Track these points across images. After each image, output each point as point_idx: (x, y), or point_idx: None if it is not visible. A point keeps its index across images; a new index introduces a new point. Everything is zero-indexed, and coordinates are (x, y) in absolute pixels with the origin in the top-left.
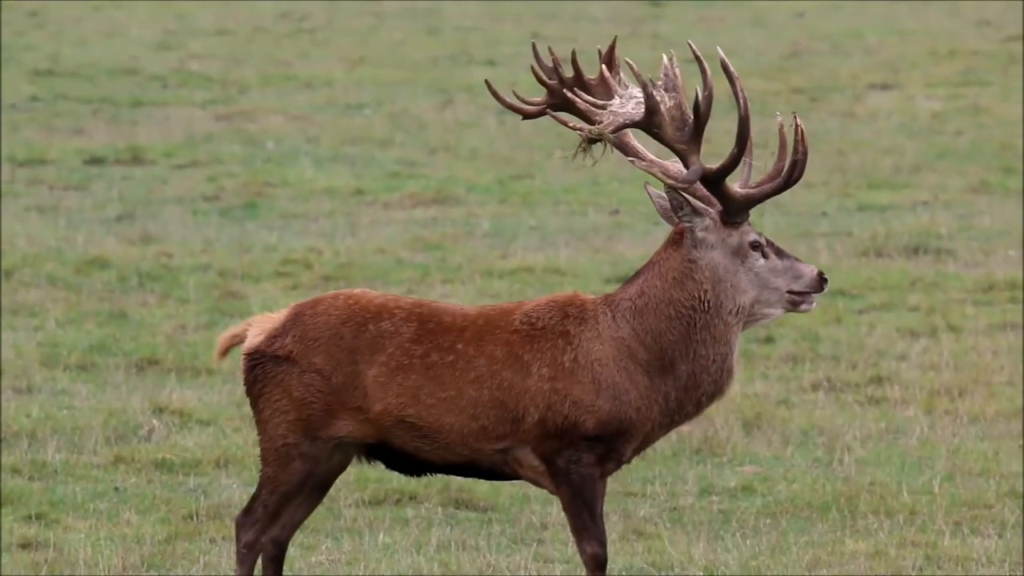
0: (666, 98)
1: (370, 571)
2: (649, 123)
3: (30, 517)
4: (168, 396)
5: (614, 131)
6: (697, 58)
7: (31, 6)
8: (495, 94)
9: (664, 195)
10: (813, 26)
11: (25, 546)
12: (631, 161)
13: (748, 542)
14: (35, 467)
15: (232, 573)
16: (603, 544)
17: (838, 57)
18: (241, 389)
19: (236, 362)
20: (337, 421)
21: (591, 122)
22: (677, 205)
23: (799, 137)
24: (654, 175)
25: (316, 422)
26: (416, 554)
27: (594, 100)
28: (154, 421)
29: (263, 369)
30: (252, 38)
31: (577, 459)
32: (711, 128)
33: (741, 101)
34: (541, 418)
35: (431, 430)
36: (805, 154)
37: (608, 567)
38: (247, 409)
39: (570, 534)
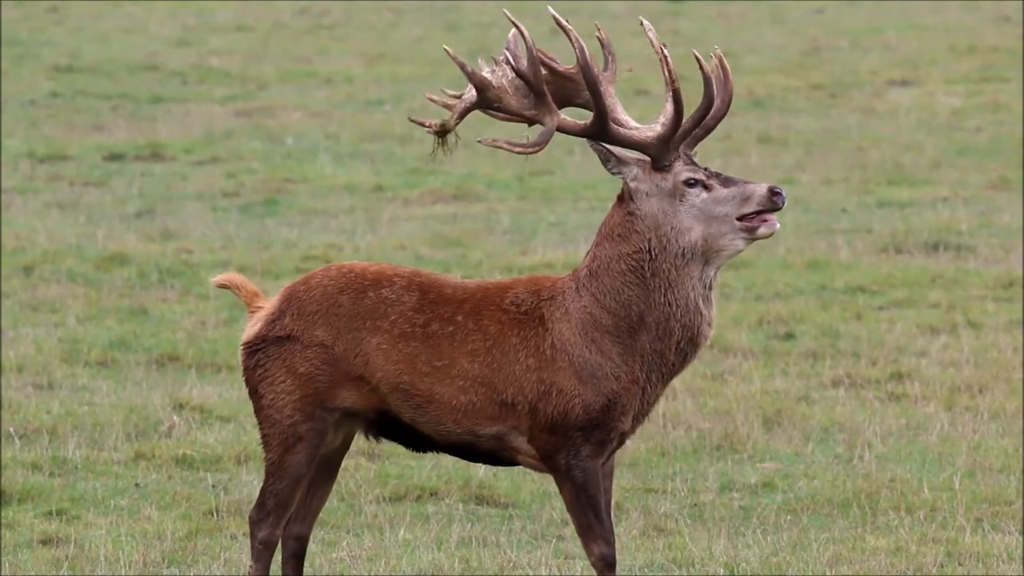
0: (507, 71)
1: (391, 568)
2: (486, 100)
3: (51, 513)
4: (188, 392)
5: (458, 120)
6: (512, 22)
7: (51, 2)
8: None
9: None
10: (832, 22)
11: (46, 542)
12: (479, 141)
13: (769, 538)
14: (56, 463)
15: (247, 570)
16: (610, 543)
17: (857, 53)
18: None
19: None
20: (342, 391)
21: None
22: (604, 158)
23: (720, 72)
24: (501, 148)
25: (322, 395)
26: (437, 550)
27: (452, 92)
28: (174, 417)
29: (264, 353)
30: (271, 34)
31: (576, 453)
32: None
33: (578, 52)
34: (532, 408)
35: (423, 399)
36: (728, 91)
37: (629, 563)
38: None
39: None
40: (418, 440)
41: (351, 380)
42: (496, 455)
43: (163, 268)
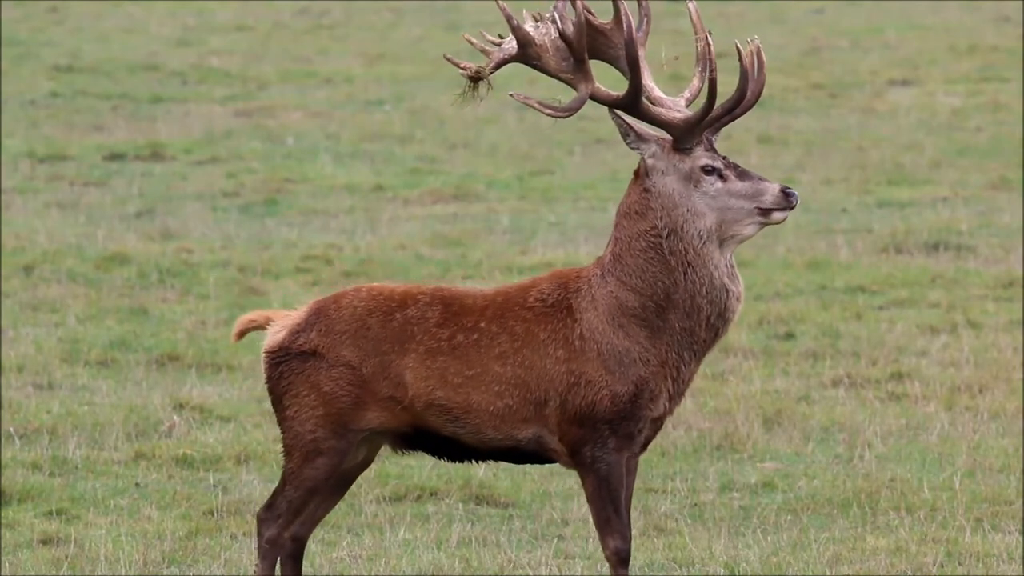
0: (551, 30)
1: (391, 567)
2: (525, 56)
3: (51, 513)
4: (188, 392)
5: (493, 68)
6: None
7: (51, 2)
8: (451, 60)
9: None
10: (832, 22)
11: (46, 542)
12: (511, 95)
13: (769, 538)
14: (56, 463)
15: (252, 569)
16: (626, 539)
17: (857, 53)
18: (261, 385)
19: (257, 357)
20: (368, 413)
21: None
22: (623, 132)
23: (755, 63)
24: (532, 107)
25: (346, 416)
26: (437, 550)
27: (493, 39)
28: (174, 417)
29: (288, 366)
30: (271, 34)
31: (602, 445)
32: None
33: (625, 25)
34: (561, 402)
35: (460, 411)
36: (760, 82)
37: (629, 563)
38: (267, 405)
39: (592, 529)
40: (456, 451)
41: (379, 401)
42: (539, 456)
43: (163, 268)
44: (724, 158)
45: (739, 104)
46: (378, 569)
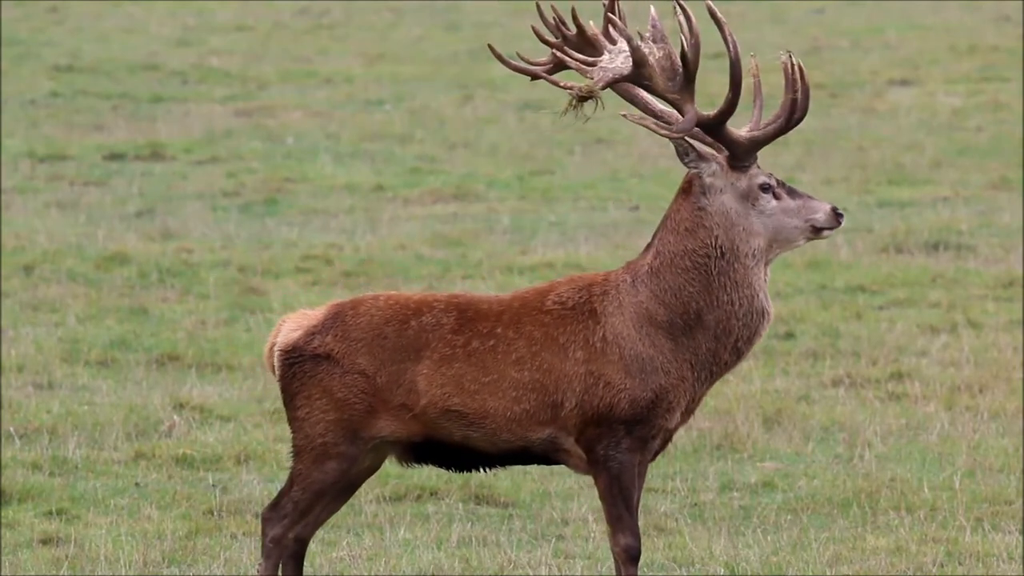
0: (654, 49)
1: (391, 567)
2: (638, 76)
3: (51, 513)
4: (188, 392)
5: (604, 87)
6: (680, 6)
7: (51, 2)
8: (499, 57)
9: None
10: (833, 22)
11: (46, 542)
12: (623, 115)
13: (769, 538)
14: (56, 463)
15: (253, 569)
16: (637, 537)
17: (858, 53)
18: (261, 385)
19: (257, 358)
20: (379, 421)
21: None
22: (683, 152)
23: (798, 75)
24: (647, 127)
25: (357, 422)
26: (437, 550)
27: (584, 57)
28: (174, 417)
29: (301, 367)
30: (271, 34)
31: (616, 444)
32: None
33: (731, 45)
34: (579, 403)
35: (477, 417)
36: (806, 92)
37: None
38: (267, 405)
39: (594, 527)
40: (464, 460)
41: (391, 409)
42: (548, 457)
43: (163, 268)
44: (771, 175)
45: (796, 122)
46: (378, 569)
